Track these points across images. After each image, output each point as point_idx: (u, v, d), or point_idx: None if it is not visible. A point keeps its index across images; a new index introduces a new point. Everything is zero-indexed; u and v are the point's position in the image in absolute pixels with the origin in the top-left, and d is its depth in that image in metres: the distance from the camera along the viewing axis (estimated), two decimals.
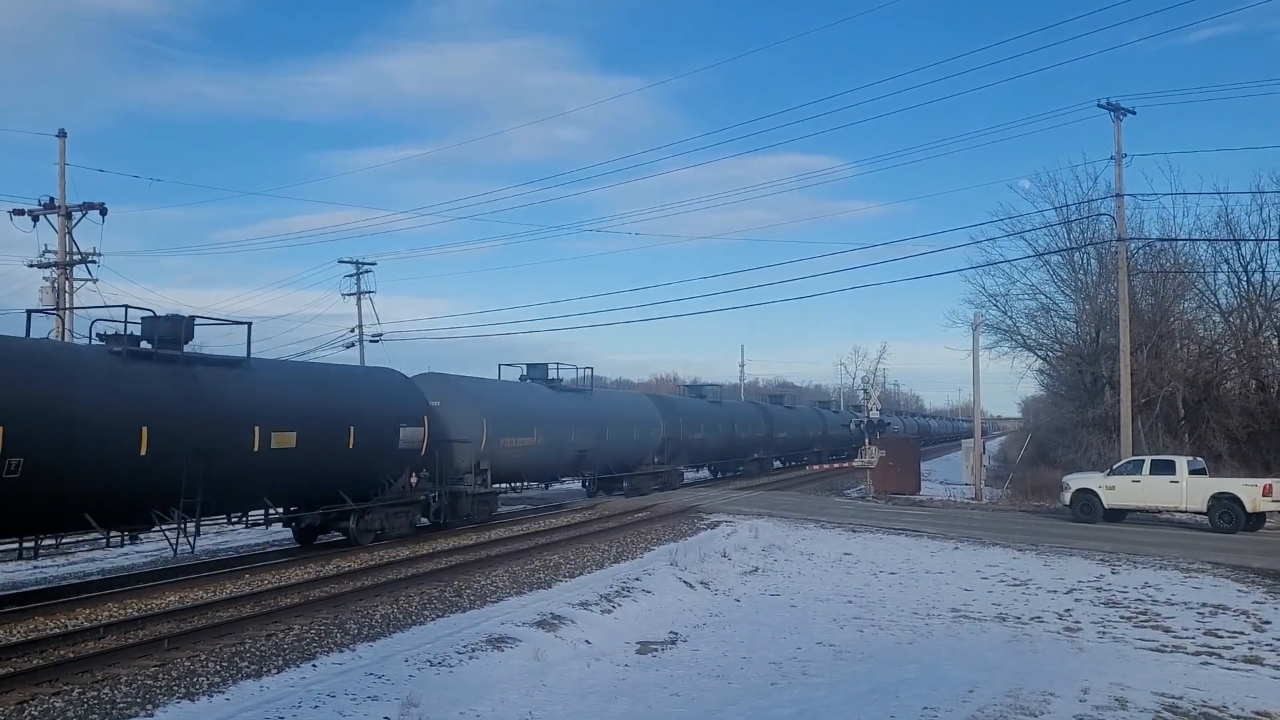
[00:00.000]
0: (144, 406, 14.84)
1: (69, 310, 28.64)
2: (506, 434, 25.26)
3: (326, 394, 19.24)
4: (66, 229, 32.09)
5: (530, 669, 11.25)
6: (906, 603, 15.91)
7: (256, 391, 17.33)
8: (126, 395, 14.77)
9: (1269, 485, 25.48)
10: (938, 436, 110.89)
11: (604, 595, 15.33)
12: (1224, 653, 12.60)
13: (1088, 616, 14.87)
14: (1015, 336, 46.66)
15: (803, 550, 21.58)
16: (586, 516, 27.15)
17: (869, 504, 34.41)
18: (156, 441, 14.67)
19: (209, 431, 15.62)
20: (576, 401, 30.55)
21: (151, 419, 14.76)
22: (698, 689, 10.82)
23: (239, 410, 16.56)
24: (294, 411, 17.85)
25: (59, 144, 32.23)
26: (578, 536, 22.52)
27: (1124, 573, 18.88)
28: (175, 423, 15.13)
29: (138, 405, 14.78)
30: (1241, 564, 19.63)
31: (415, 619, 13.51)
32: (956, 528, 25.94)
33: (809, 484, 43.36)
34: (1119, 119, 31.55)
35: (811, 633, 13.69)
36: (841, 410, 70.41)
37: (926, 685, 10.75)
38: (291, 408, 17.87)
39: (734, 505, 30.57)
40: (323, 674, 10.56)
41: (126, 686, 9.77)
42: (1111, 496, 27.35)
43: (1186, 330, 42.22)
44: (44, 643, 11.55)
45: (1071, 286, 44.02)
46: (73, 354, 15.86)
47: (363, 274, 48.00)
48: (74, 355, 15.60)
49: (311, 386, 19.22)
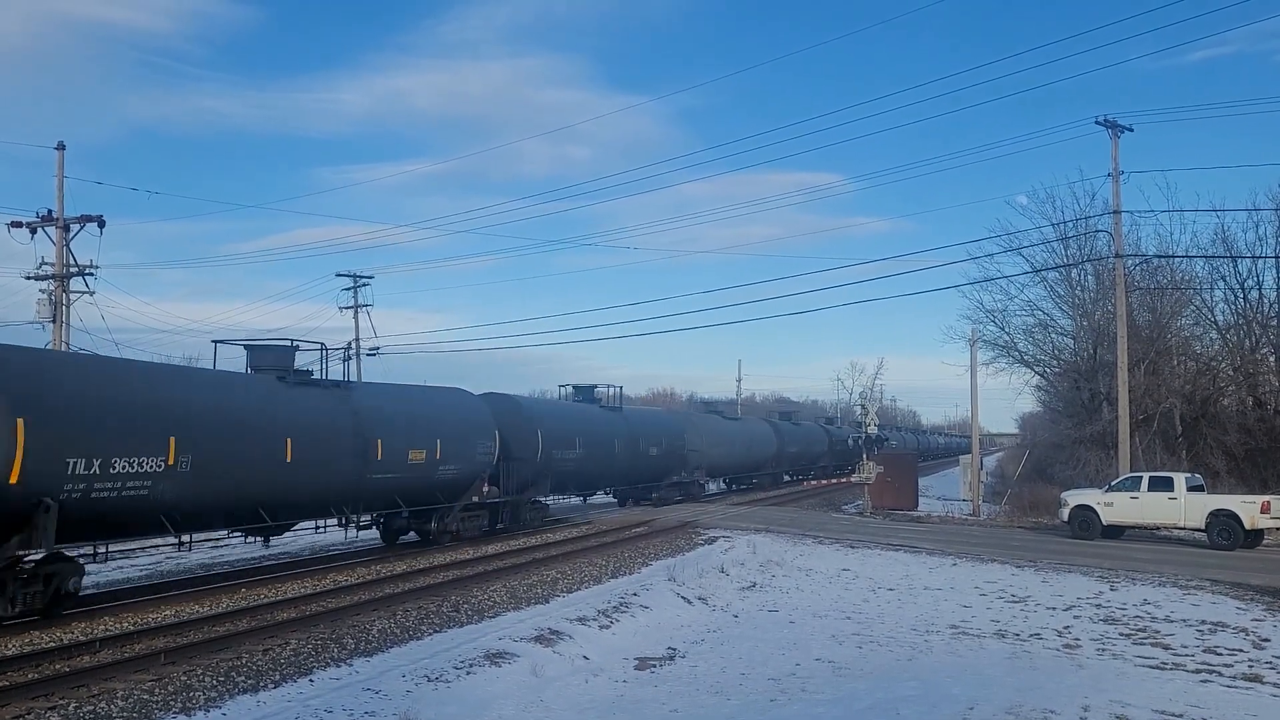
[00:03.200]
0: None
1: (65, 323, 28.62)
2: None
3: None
4: (64, 241, 32.11)
5: (528, 685, 11.20)
6: (905, 619, 15.87)
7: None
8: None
9: (1267, 502, 25.47)
10: (935, 452, 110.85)
11: (602, 610, 15.27)
12: (1224, 670, 12.57)
13: (1087, 633, 14.84)
14: (1013, 352, 46.76)
15: (801, 566, 21.53)
16: (584, 531, 27.09)
17: (867, 519, 34.36)
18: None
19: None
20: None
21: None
22: (696, 705, 10.77)
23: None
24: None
25: (57, 157, 32.33)
26: (575, 551, 22.44)
27: (1123, 589, 18.84)
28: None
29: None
30: (1240, 581, 19.61)
31: (412, 634, 13.45)
32: (955, 544, 25.90)
33: (807, 499, 43.31)
34: (1116, 136, 31.69)
35: (810, 649, 13.64)
36: (842, 426, 70.55)
37: (926, 702, 10.72)
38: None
39: (732, 520, 30.51)
40: (320, 689, 10.51)
41: (123, 701, 9.71)
42: (1110, 513, 27.32)
43: (1184, 347, 42.28)
44: (39, 656, 11.48)
45: (1069, 303, 44.13)
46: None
47: (360, 287, 48.11)
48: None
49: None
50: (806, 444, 56.00)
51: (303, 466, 17.35)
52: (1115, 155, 31.76)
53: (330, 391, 19.26)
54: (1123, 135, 31.74)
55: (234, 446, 15.93)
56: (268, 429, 16.86)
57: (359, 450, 18.88)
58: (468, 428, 22.94)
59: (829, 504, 41.88)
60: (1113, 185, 32.11)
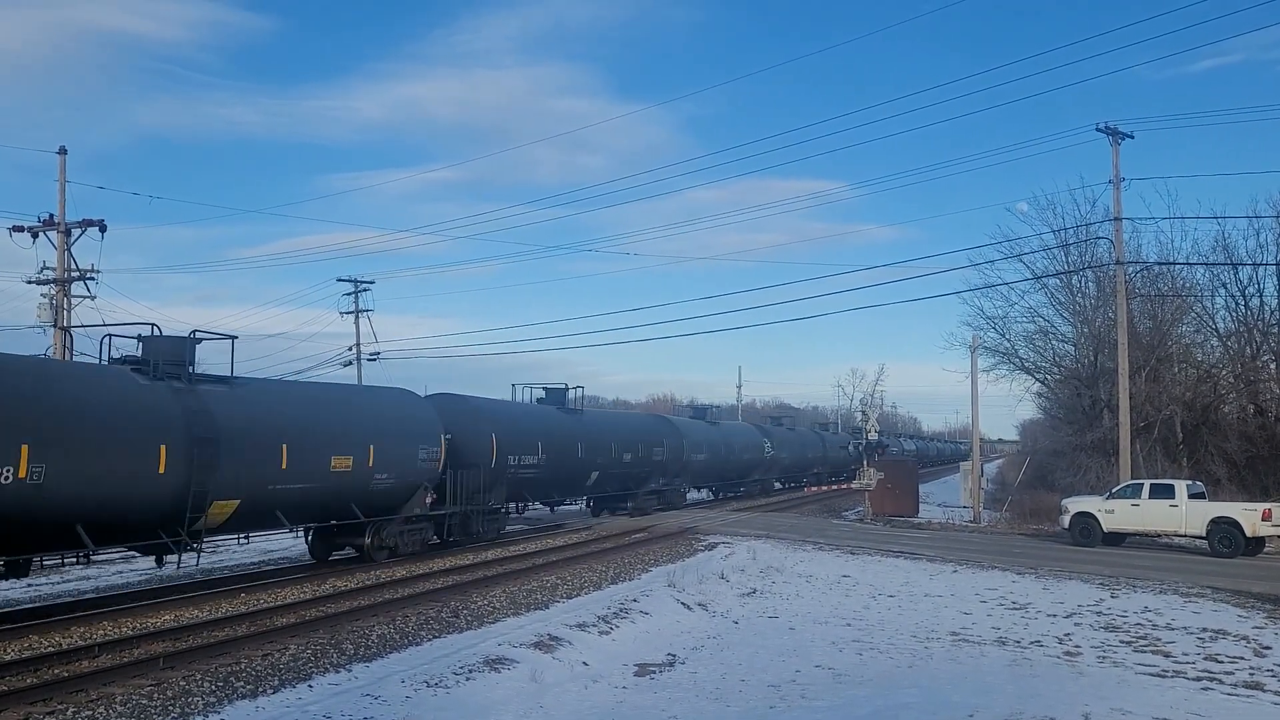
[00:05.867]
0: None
1: (68, 327, 28.65)
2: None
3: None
4: (65, 246, 32.12)
5: (528, 690, 11.18)
6: (906, 626, 15.83)
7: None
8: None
9: (1268, 510, 25.42)
10: (935, 459, 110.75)
11: (602, 616, 15.24)
12: (1225, 678, 12.53)
13: (1088, 641, 14.80)
14: (1013, 359, 46.76)
15: (801, 572, 21.49)
16: (585, 537, 27.06)
17: (867, 526, 34.32)
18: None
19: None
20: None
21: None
22: (696, 712, 10.74)
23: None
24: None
25: (59, 161, 32.35)
26: (575, 557, 22.42)
27: (1123, 597, 18.81)
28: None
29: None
30: (1241, 589, 19.57)
31: (412, 639, 13.43)
32: (955, 550, 25.86)
33: (807, 505, 43.27)
34: (1117, 143, 31.70)
35: (810, 655, 13.61)
36: (839, 432, 70.37)
37: (927, 709, 10.69)
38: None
39: (732, 526, 30.48)
40: (319, 694, 10.49)
41: (121, 706, 9.69)
42: (1110, 520, 27.28)
43: (1184, 354, 42.28)
44: (38, 661, 11.46)
45: (1070, 310, 44.13)
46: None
47: (361, 292, 48.10)
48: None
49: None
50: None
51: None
52: (1116, 162, 31.79)
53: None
54: (1124, 142, 31.78)
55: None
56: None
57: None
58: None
59: (829, 510, 41.83)
60: (1114, 192, 32.14)
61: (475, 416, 24.66)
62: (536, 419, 28.78)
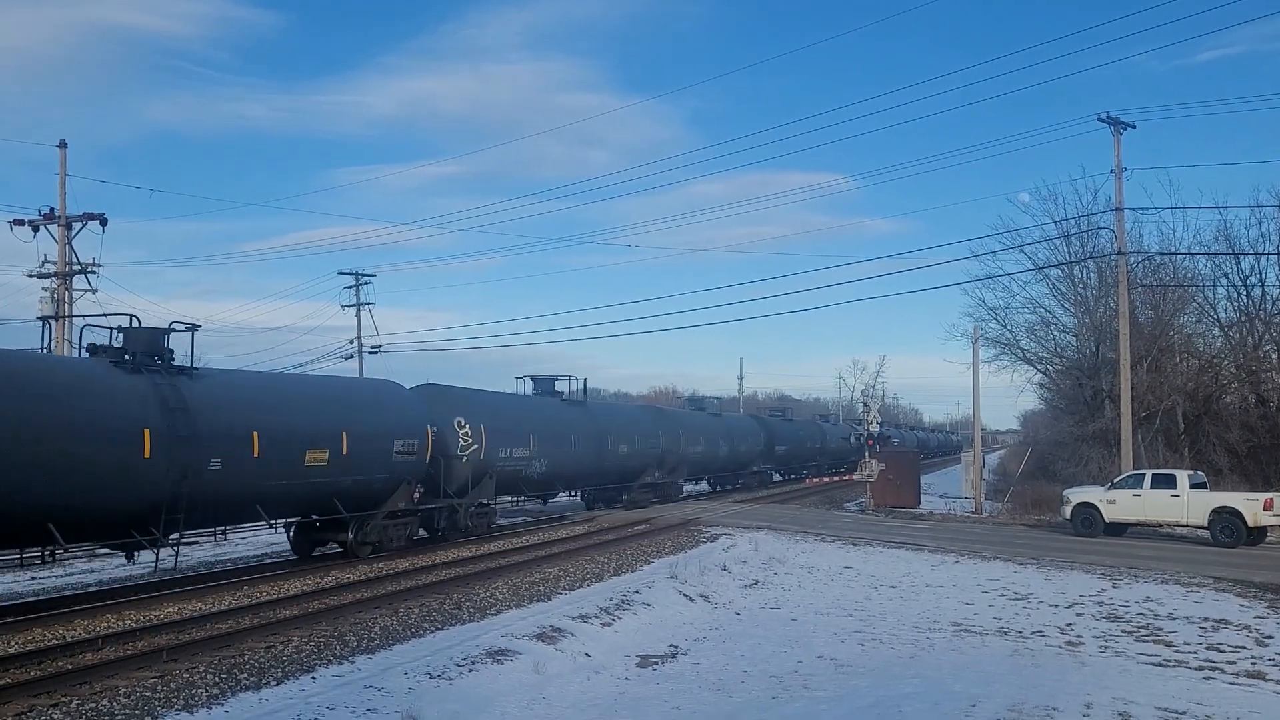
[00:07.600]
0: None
1: (67, 318, 28.66)
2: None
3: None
4: (66, 239, 32.11)
5: (530, 682, 11.19)
6: (908, 616, 15.85)
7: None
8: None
9: (1270, 499, 25.43)
10: (937, 450, 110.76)
11: (604, 608, 15.26)
12: (1226, 668, 12.55)
13: (1089, 631, 14.82)
14: (1015, 350, 46.74)
15: (803, 564, 21.52)
16: (586, 529, 27.08)
17: (869, 517, 34.34)
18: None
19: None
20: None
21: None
22: (698, 702, 10.76)
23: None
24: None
25: (60, 155, 32.33)
26: (577, 549, 22.45)
27: (1125, 587, 18.82)
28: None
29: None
30: (1243, 578, 19.58)
31: (415, 631, 13.45)
32: (957, 541, 25.88)
33: (808, 497, 43.28)
34: (1119, 133, 31.62)
35: (812, 646, 13.63)
36: (840, 423, 70.32)
37: (929, 699, 10.70)
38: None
39: (734, 518, 30.51)
40: (322, 686, 10.50)
41: (125, 698, 9.71)
42: (1112, 510, 27.30)
43: (1186, 344, 42.25)
44: (42, 654, 11.49)
45: (1071, 300, 44.10)
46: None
47: (362, 285, 48.11)
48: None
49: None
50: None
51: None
52: (1118, 152, 31.71)
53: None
54: (1125, 132, 31.69)
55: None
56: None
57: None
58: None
59: (830, 502, 41.84)
60: (1115, 182, 32.08)
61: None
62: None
